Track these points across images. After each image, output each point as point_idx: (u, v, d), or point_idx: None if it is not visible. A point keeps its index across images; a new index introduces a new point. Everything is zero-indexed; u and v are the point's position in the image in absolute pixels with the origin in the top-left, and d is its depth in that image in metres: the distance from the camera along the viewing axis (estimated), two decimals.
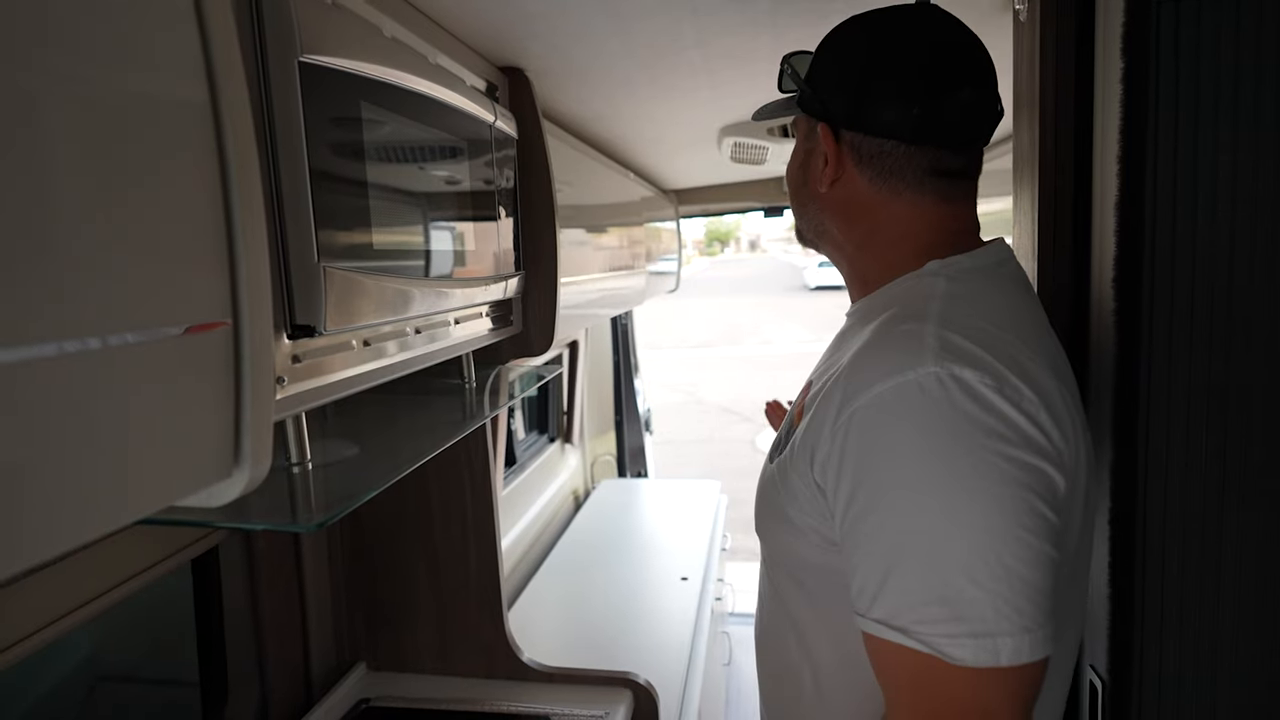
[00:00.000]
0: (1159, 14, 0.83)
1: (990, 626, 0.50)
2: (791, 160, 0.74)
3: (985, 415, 0.52)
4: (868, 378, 0.55)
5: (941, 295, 0.60)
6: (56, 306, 0.34)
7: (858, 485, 0.55)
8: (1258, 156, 0.84)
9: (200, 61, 0.42)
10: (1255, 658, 0.91)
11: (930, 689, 0.52)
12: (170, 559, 1.03)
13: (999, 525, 0.51)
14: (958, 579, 0.50)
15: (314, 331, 0.56)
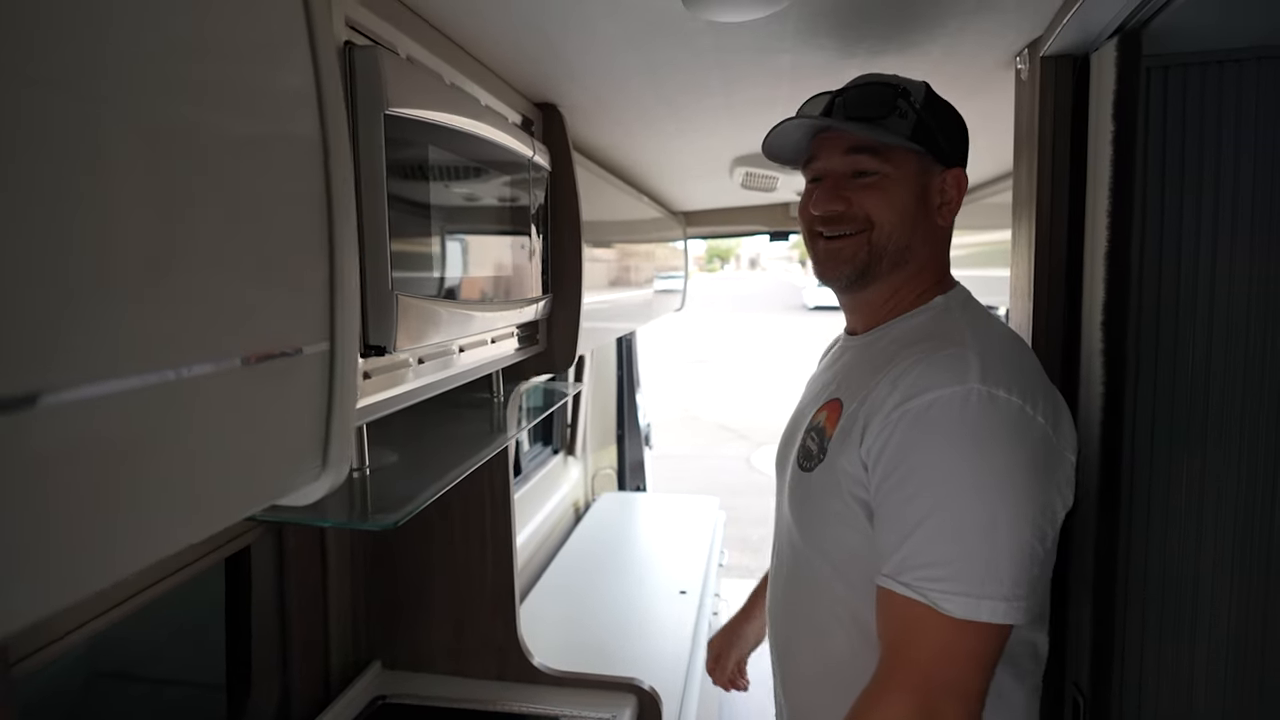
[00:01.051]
0: (1148, 82, 0.91)
1: (978, 589, 0.63)
2: (891, 190, 0.80)
3: (1013, 424, 0.66)
4: (922, 386, 0.68)
5: (967, 328, 0.76)
6: (185, 334, 0.40)
7: (899, 463, 0.68)
8: (1235, 217, 0.92)
9: (316, 119, 0.49)
10: (1227, 676, 0.98)
11: (917, 634, 0.65)
12: (208, 556, 1.08)
13: (1001, 515, 0.64)
14: (961, 548, 0.64)
15: (384, 351, 0.62)
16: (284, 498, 0.51)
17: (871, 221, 0.80)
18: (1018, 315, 1.06)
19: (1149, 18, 0.81)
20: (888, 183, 0.79)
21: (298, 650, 1.25)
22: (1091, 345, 0.92)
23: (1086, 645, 0.94)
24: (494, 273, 0.88)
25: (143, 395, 0.37)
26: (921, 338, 0.76)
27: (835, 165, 0.81)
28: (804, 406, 0.93)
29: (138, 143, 0.35)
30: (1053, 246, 0.97)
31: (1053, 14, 0.86)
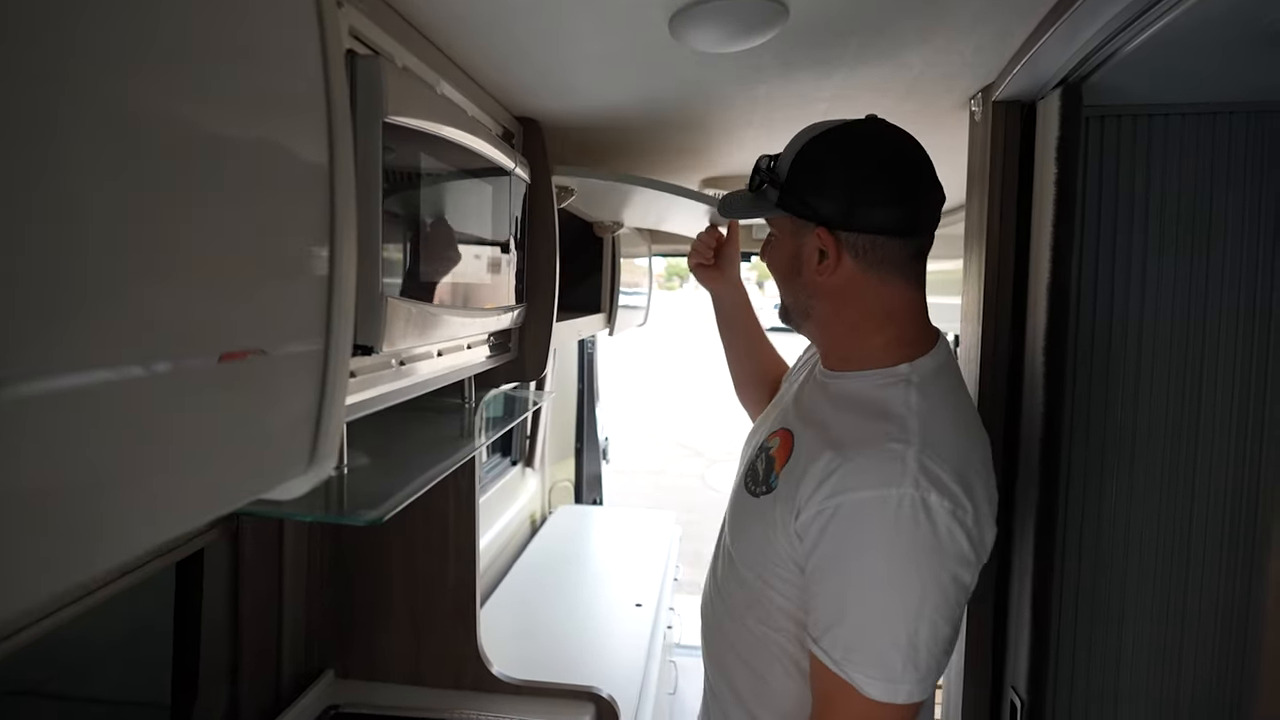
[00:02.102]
0: (1088, 130, 1.00)
1: (897, 676, 0.70)
2: (775, 252, 0.86)
3: (935, 536, 0.70)
4: (859, 481, 0.71)
5: (916, 412, 0.75)
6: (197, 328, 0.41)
7: (834, 553, 0.73)
8: (1161, 255, 1.01)
9: (325, 124, 0.51)
10: (1152, 676, 1.05)
11: (841, 703, 0.72)
12: (158, 560, 1.06)
13: (924, 613, 0.70)
14: (885, 641, 0.70)
15: (371, 351, 0.63)
16: (270, 492, 0.52)
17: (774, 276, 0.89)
18: (967, 339, 1.13)
19: (1089, 72, 0.88)
20: (773, 245, 0.87)
21: (248, 658, 1.22)
22: (1034, 369, 0.99)
23: (1024, 651, 0.99)
24: (473, 280, 0.90)
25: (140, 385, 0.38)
26: (871, 411, 0.77)
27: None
28: (769, 412, 0.97)
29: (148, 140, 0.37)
30: (1000, 277, 1.05)
31: (1004, 63, 0.94)
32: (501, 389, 1.34)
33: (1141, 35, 0.77)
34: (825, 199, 0.78)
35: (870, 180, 0.77)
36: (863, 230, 0.77)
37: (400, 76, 0.67)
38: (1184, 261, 1.01)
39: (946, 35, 0.85)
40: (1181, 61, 0.86)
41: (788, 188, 0.80)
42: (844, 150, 0.79)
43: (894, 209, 0.77)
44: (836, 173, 0.78)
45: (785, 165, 0.82)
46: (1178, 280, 1.01)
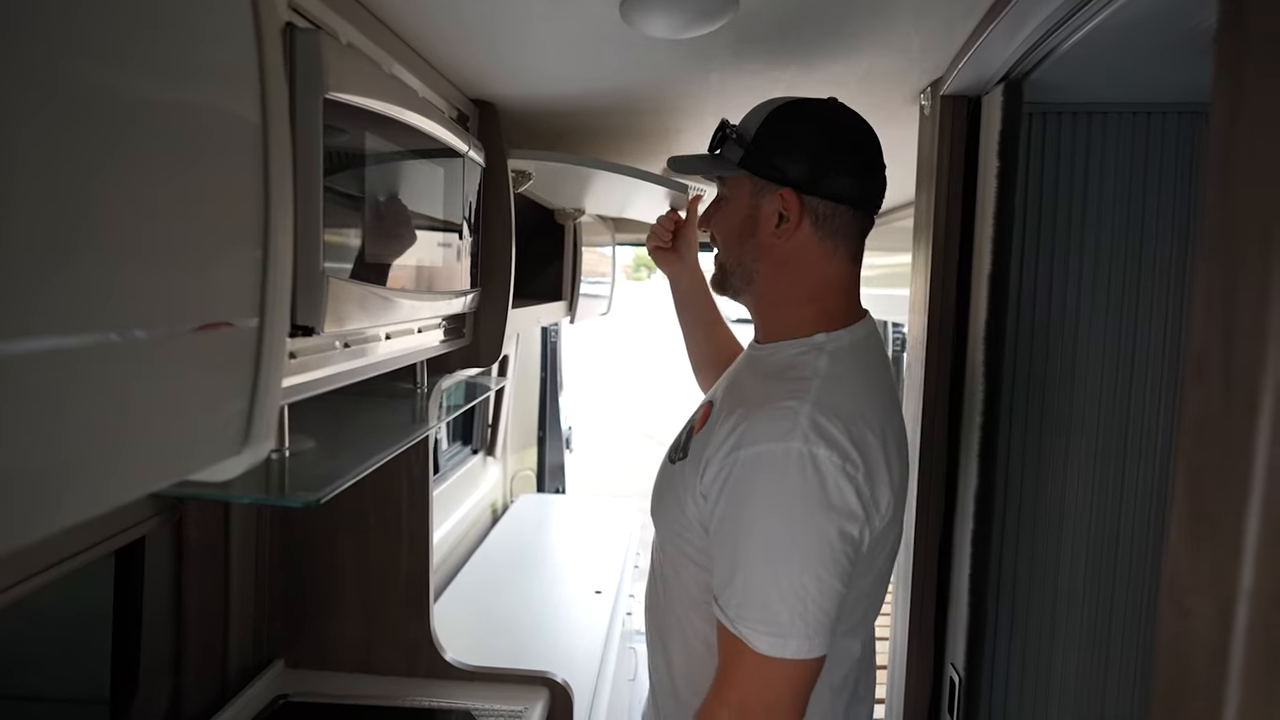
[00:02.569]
0: (1030, 126, 1.03)
1: (784, 630, 0.70)
2: (726, 213, 0.86)
3: (823, 489, 0.71)
4: (754, 437, 0.73)
5: (822, 375, 0.78)
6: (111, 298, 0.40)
7: (729, 510, 0.74)
8: (1098, 248, 1.05)
9: (258, 94, 0.50)
10: (1082, 652, 1.10)
11: (738, 663, 0.73)
12: (94, 549, 1.02)
13: (810, 566, 0.71)
14: (773, 594, 0.71)
15: (312, 331, 0.62)
16: (199, 473, 0.51)
17: (717, 242, 0.89)
18: (914, 330, 1.16)
19: (1030, 69, 0.91)
20: (726, 205, 0.86)
21: (193, 649, 1.20)
22: (975, 358, 1.02)
23: (963, 629, 1.03)
24: (424, 263, 0.89)
25: (58, 357, 0.37)
26: (780, 374, 0.80)
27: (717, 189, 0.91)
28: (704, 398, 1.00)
29: (57, 102, 0.35)
30: (946, 268, 1.08)
31: (951, 58, 0.96)
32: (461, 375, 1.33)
33: (1077, 34, 0.80)
34: (794, 161, 0.80)
35: (839, 149, 0.80)
36: (826, 196, 0.80)
37: (344, 53, 0.65)
38: (1118, 257, 1.05)
39: (893, 30, 0.86)
40: (1116, 62, 0.90)
41: (754, 149, 0.81)
42: (817, 119, 0.82)
43: (856, 180, 0.80)
44: (807, 137, 0.80)
45: (751, 127, 0.83)
46: (1112, 275, 1.05)
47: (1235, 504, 0.37)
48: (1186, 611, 0.41)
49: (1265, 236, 0.35)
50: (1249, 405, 0.36)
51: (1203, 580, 0.40)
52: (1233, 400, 0.37)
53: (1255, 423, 0.36)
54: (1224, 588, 0.38)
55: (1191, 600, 0.41)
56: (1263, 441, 0.36)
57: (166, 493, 0.61)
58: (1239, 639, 0.38)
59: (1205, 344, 0.39)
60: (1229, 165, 0.37)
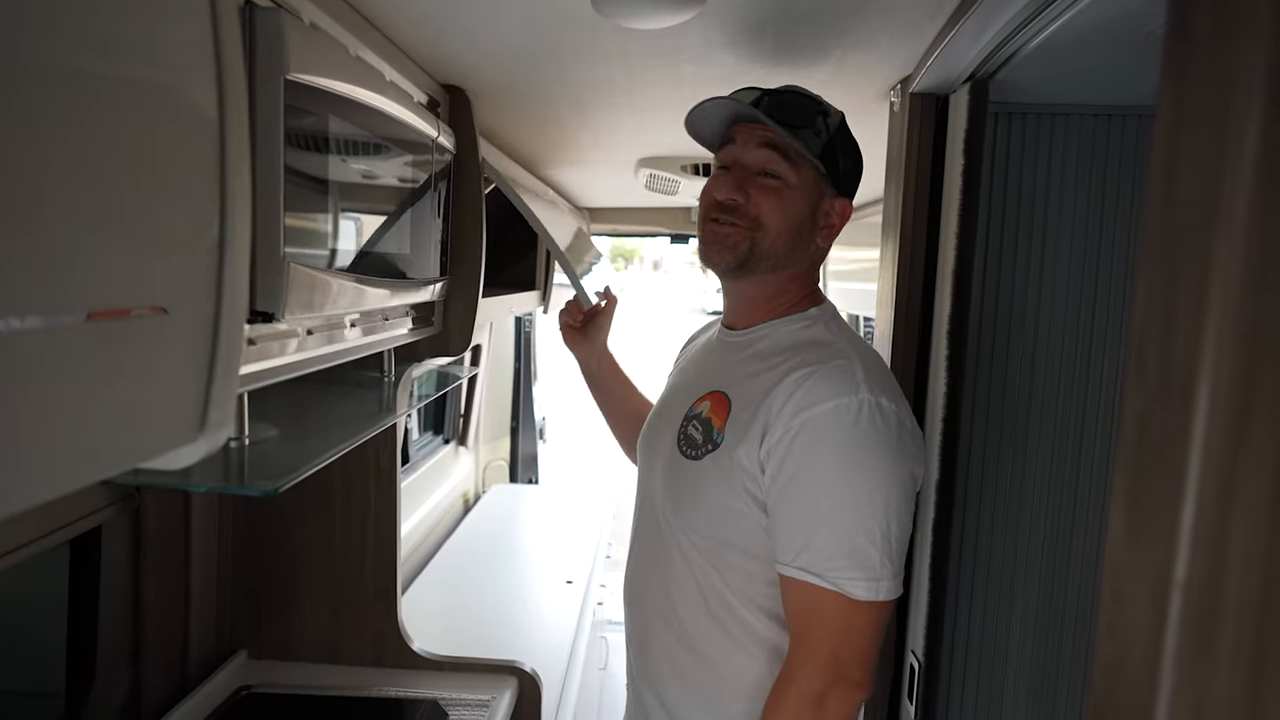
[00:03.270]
0: (995, 125, 1.04)
1: (877, 573, 0.75)
2: (787, 200, 0.84)
3: (893, 435, 0.77)
4: (819, 395, 0.76)
5: (846, 339, 0.84)
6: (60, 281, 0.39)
7: (802, 467, 0.76)
8: (1058, 245, 1.07)
9: (213, 73, 0.48)
10: (1037, 639, 1.13)
11: (825, 619, 0.76)
12: (48, 537, 1.00)
13: (892, 506, 0.76)
14: (861, 539, 0.75)
15: (272, 318, 0.61)
16: (154, 460, 0.50)
17: (761, 223, 0.84)
18: (881, 324, 1.18)
19: (995, 69, 0.93)
20: (786, 190, 0.84)
21: (152, 641, 1.17)
22: (939, 352, 1.04)
23: (923, 617, 1.06)
24: (391, 250, 0.88)
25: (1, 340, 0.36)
26: (805, 344, 0.83)
27: (748, 156, 0.84)
28: (677, 392, 0.96)
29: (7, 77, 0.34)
30: (913, 264, 1.09)
31: (919, 56, 0.97)
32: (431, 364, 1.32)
33: (1040, 35, 0.81)
34: (855, 177, 0.88)
35: (857, 158, 0.90)
36: (848, 196, 0.89)
37: (306, 33, 0.64)
38: (1077, 255, 1.08)
39: (862, 25, 0.87)
40: (1078, 64, 0.91)
41: (831, 149, 0.84)
42: (852, 135, 0.89)
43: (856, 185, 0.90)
44: (860, 158, 0.89)
45: (834, 124, 0.86)
46: (1071, 272, 1.08)
47: (1171, 495, 0.39)
48: (1124, 598, 0.43)
49: (1203, 234, 0.37)
50: (1185, 398, 0.38)
51: (1139, 568, 0.41)
52: (1170, 393, 0.39)
53: (1191, 416, 0.38)
54: (1159, 576, 0.40)
55: (1129, 587, 0.42)
56: (1198, 434, 0.37)
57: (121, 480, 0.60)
58: (1172, 625, 0.40)
59: (1145, 338, 0.40)
60: (1171, 164, 0.38)
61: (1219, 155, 0.35)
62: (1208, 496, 0.38)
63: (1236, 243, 0.36)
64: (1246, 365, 0.37)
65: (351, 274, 0.76)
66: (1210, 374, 0.37)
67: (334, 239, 0.72)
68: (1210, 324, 0.37)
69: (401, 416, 1.06)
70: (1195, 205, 0.37)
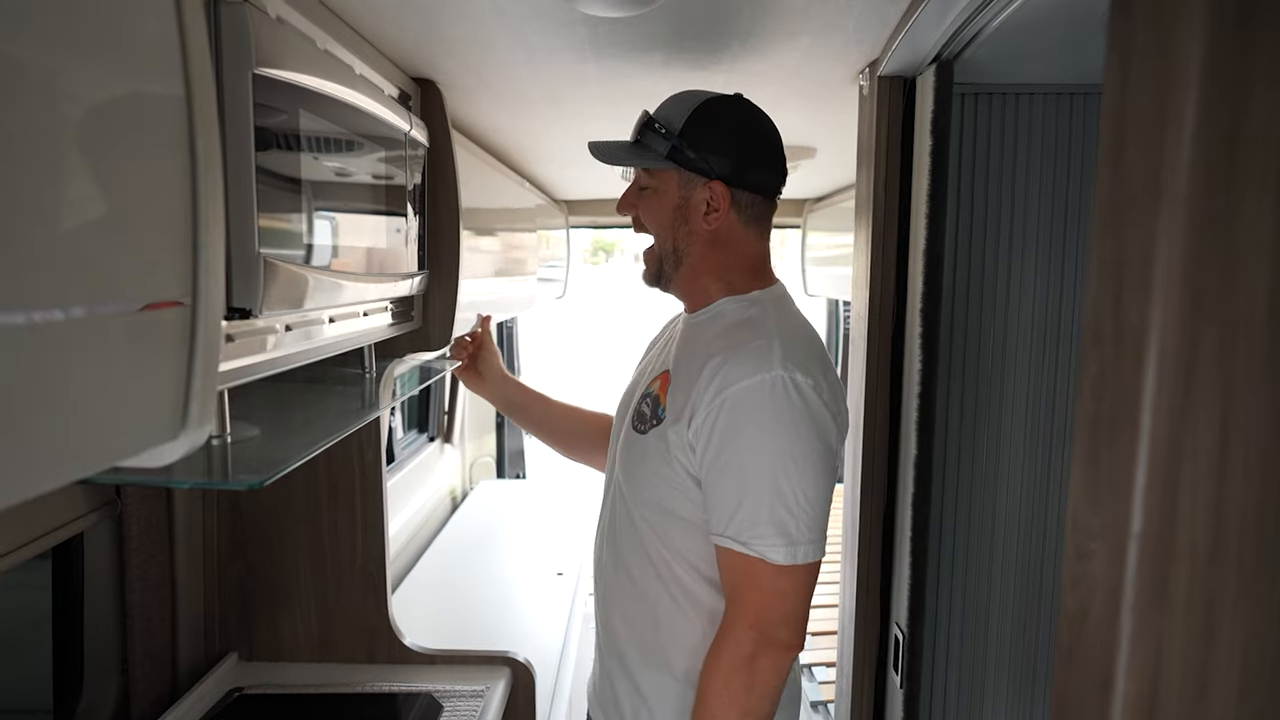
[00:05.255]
0: (962, 106, 1.06)
1: (794, 537, 0.81)
2: (655, 201, 0.93)
3: (806, 407, 0.82)
4: (737, 375, 0.82)
5: (774, 319, 0.89)
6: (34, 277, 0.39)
7: (724, 444, 0.82)
8: (1025, 221, 1.10)
9: (180, 67, 0.48)
10: (1015, 609, 1.17)
11: (753, 583, 0.82)
12: (30, 545, 0.99)
13: (807, 474, 0.81)
14: (779, 508, 0.80)
15: (249, 314, 0.61)
16: (134, 458, 0.50)
17: (648, 230, 0.95)
18: (857, 305, 1.20)
19: (960, 50, 0.94)
20: (652, 196, 0.93)
21: (139, 648, 1.17)
22: (913, 331, 1.06)
23: (905, 590, 1.08)
24: (367, 243, 0.88)
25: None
26: (738, 325, 0.89)
27: (633, 176, 0.97)
28: (641, 373, 1.04)
29: None
30: (885, 244, 1.11)
31: (886, 39, 0.99)
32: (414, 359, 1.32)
33: (1002, 14, 0.83)
34: (722, 157, 0.89)
35: (759, 146, 0.92)
36: (747, 188, 0.91)
37: (273, 27, 0.64)
38: (1044, 231, 1.10)
39: (828, 9, 0.88)
40: (1040, 43, 0.93)
41: (681, 143, 0.89)
42: (737, 116, 0.92)
43: (770, 173, 0.92)
44: (731, 135, 0.90)
45: (676, 121, 0.90)
46: (1039, 248, 1.10)
47: (1125, 454, 0.41)
48: (1087, 554, 0.45)
49: (1148, 205, 0.38)
50: (1136, 363, 0.40)
51: (1099, 524, 0.43)
52: (1122, 358, 0.41)
53: (1141, 379, 0.39)
54: (1117, 531, 0.42)
55: (1091, 544, 0.44)
56: (1148, 396, 0.39)
57: (101, 479, 0.60)
58: (1130, 576, 0.42)
59: (1099, 308, 0.42)
60: (1117, 140, 0.40)
61: (1160, 127, 0.37)
62: (1159, 454, 0.40)
63: (1179, 212, 0.37)
64: (1190, 330, 0.38)
65: (328, 268, 0.76)
66: (1157, 339, 0.39)
67: (309, 233, 0.72)
68: (1156, 291, 0.39)
69: (385, 410, 1.06)
70: (1140, 177, 0.39)
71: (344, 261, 0.81)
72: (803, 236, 2.92)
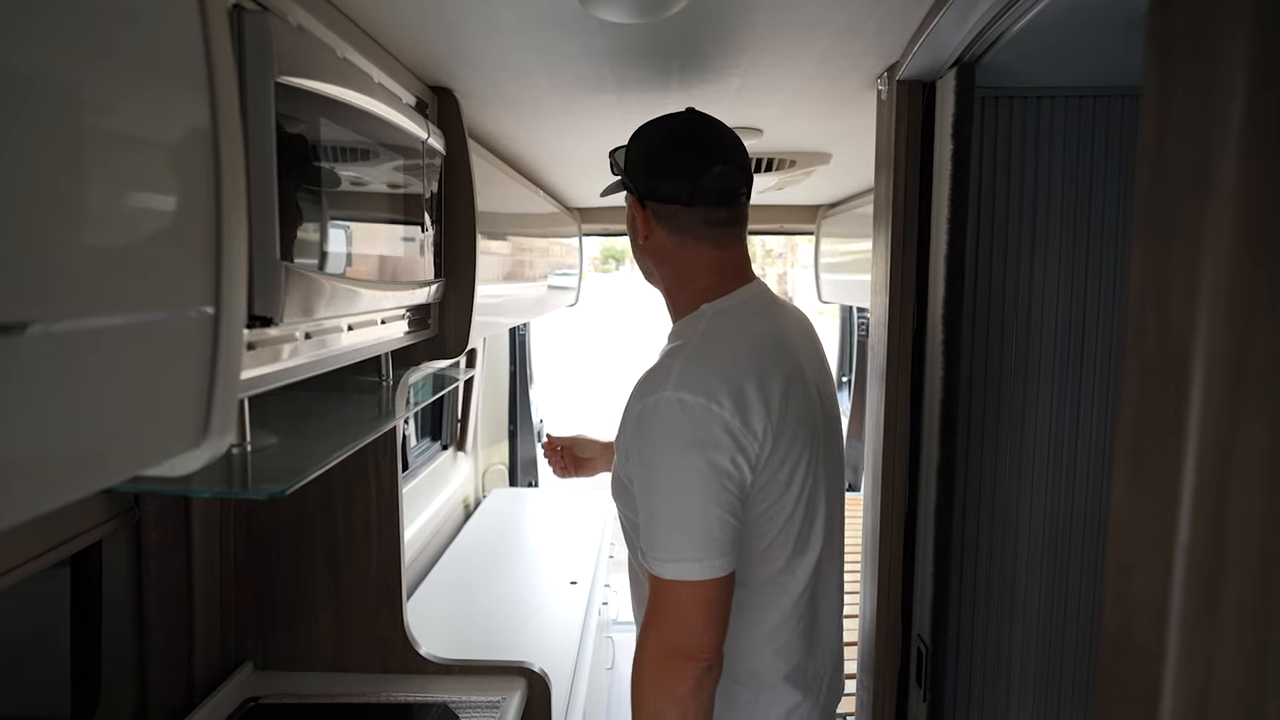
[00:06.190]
0: (983, 110, 1.05)
1: (679, 555, 0.81)
2: (630, 221, 0.99)
3: (690, 427, 0.81)
4: (639, 394, 0.85)
5: (700, 333, 0.89)
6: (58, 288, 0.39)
7: (636, 462, 0.85)
8: (1049, 225, 1.08)
9: (205, 75, 0.48)
10: (1040, 622, 1.14)
11: (657, 595, 0.84)
12: (50, 553, 0.99)
13: (690, 495, 0.81)
14: (666, 527, 0.82)
15: (270, 322, 0.61)
16: (156, 467, 0.50)
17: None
18: (876, 312, 1.18)
19: (981, 53, 0.93)
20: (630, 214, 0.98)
21: (156, 657, 1.17)
22: (935, 336, 1.05)
23: (928, 602, 1.06)
24: (385, 252, 0.88)
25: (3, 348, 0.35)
26: (667, 348, 0.92)
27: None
28: None
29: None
30: (905, 249, 1.10)
31: (905, 43, 0.98)
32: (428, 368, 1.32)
33: (1025, 17, 0.82)
34: (638, 175, 0.93)
35: (659, 158, 0.93)
36: (658, 200, 0.92)
37: (294, 35, 0.64)
38: (1068, 235, 1.08)
39: (847, 13, 0.87)
40: (1063, 46, 0.92)
41: (625, 168, 0.96)
42: (644, 134, 0.95)
43: (676, 181, 0.91)
44: (638, 153, 0.94)
45: (623, 156, 0.97)
46: (1062, 252, 1.09)
47: (1171, 462, 0.39)
48: (1129, 568, 0.43)
49: (1194, 203, 0.37)
50: (1182, 366, 0.38)
51: (1143, 536, 0.42)
52: (1167, 362, 0.39)
53: (1188, 383, 0.38)
54: (1162, 542, 0.40)
55: (1133, 556, 0.43)
56: (1195, 400, 0.38)
57: (123, 489, 0.59)
58: (1177, 590, 0.40)
59: (1141, 309, 0.41)
60: (1159, 136, 0.39)
61: (1206, 122, 0.36)
62: (1206, 461, 0.38)
63: (1226, 210, 0.36)
64: (1240, 331, 0.37)
65: (347, 276, 0.76)
66: (1205, 341, 0.38)
67: (328, 242, 0.72)
68: (1204, 291, 0.38)
69: (402, 419, 1.06)
70: (1186, 175, 0.38)
71: (362, 269, 0.81)
72: (816, 243, 2.90)
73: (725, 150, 0.92)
